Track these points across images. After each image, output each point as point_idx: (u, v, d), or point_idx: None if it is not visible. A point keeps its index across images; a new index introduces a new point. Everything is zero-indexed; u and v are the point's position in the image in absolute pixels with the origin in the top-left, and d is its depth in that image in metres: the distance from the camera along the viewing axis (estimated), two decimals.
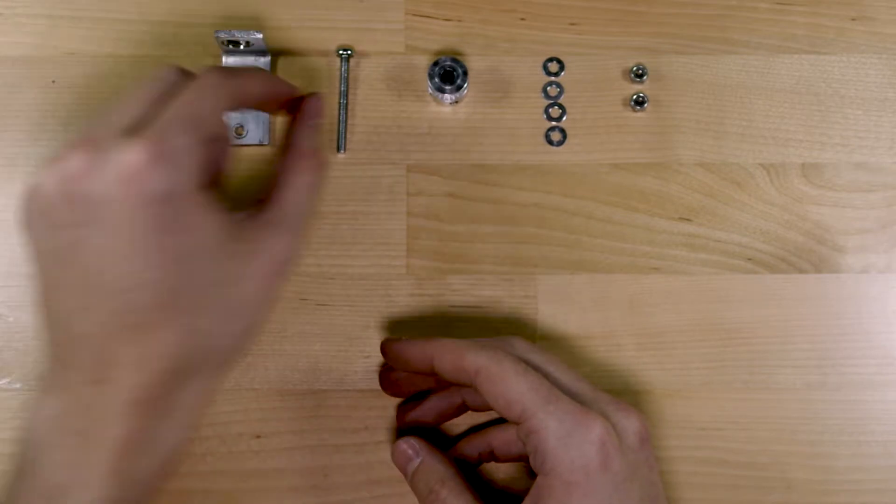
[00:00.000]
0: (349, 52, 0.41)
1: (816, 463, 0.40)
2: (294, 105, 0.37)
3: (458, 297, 0.41)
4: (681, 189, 0.42)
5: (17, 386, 0.40)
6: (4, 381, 0.40)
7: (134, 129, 0.29)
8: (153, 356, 0.29)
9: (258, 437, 0.39)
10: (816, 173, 0.42)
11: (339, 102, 0.40)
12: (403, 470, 0.37)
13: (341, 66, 0.40)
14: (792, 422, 0.40)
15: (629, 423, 0.33)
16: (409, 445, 0.37)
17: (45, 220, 0.30)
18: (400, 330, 0.40)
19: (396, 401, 0.40)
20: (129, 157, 0.28)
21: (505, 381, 0.33)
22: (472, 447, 0.37)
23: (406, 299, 0.41)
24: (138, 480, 0.29)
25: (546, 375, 0.34)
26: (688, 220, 0.42)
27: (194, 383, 0.30)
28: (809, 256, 0.41)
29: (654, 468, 0.34)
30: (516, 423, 0.33)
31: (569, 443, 0.32)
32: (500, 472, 0.39)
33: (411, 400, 0.39)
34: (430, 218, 0.41)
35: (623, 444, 0.32)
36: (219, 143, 0.32)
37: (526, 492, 0.33)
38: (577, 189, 0.42)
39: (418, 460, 0.37)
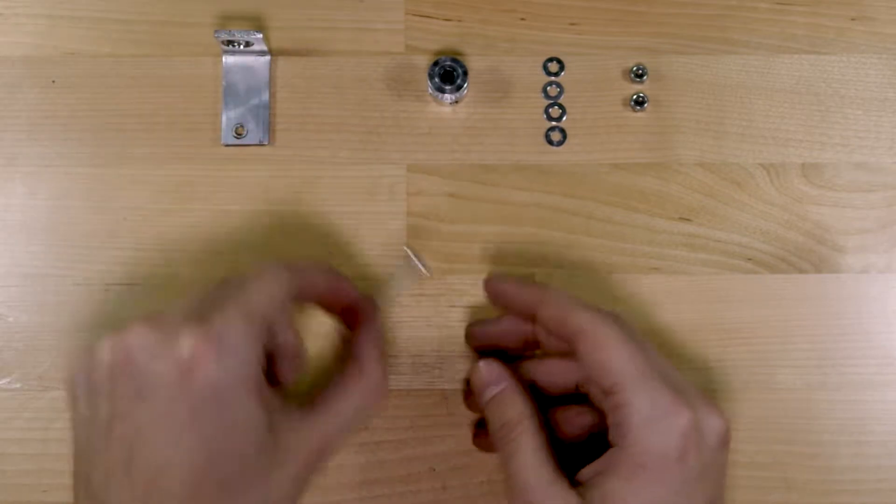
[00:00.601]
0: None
1: (816, 463, 0.40)
2: (349, 312, 0.37)
3: (458, 297, 0.41)
4: (681, 189, 0.42)
5: (17, 386, 0.40)
6: (4, 381, 0.40)
7: (197, 316, 0.30)
8: None
9: None
10: (816, 173, 0.42)
11: None
12: (480, 393, 0.36)
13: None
14: (792, 422, 0.40)
15: (713, 422, 0.32)
16: (491, 369, 0.36)
17: (93, 387, 0.31)
18: (400, 330, 0.40)
19: (395, 401, 0.40)
20: (188, 343, 0.29)
21: (605, 348, 0.33)
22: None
23: (406, 299, 0.41)
24: None
25: (644, 353, 0.33)
26: (688, 220, 0.42)
27: None
28: (809, 256, 0.41)
29: (725, 473, 0.33)
30: (604, 393, 0.33)
31: (653, 426, 0.31)
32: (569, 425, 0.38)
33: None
34: (430, 218, 0.41)
35: (703, 441, 0.32)
36: (281, 338, 0.33)
37: (593, 449, 0.33)
38: (577, 189, 0.42)
39: (499, 387, 0.35)
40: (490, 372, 0.36)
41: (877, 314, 0.41)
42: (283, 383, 0.33)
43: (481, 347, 0.39)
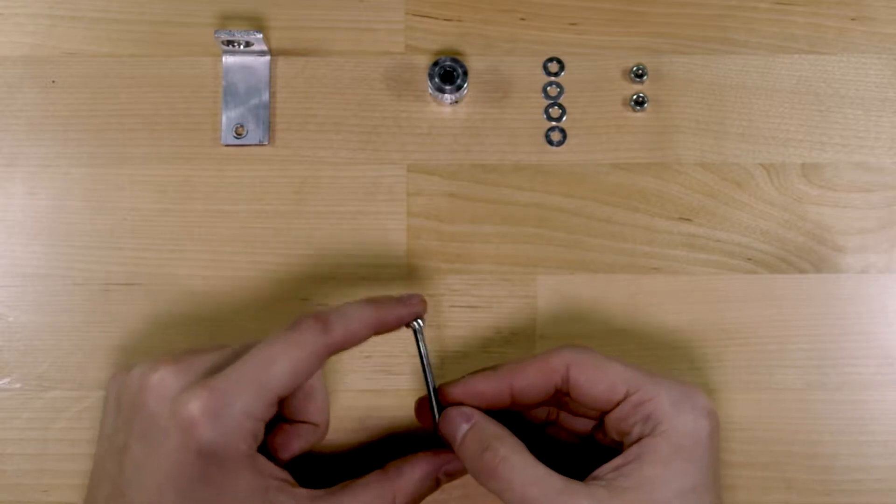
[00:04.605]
0: (420, 323, 0.36)
1: (816, 463, 0.40)
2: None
3: (458, 297, 0.41)
4: (681, 189, 0.42)
5: (17, 386, 0.40)
6: (4, 381, 0.40)
7: (214, 374, 0.31)
8: None
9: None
10: (816, 173, 0.42)
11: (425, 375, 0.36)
12: (452, 438, 0.34)
13: (416, 339, 0.36)
14: (792, 422, 0.40)
15: (714, 408, 0.34)
16: (458, 412, 0.34)
17: (119, 408, 0.33)
18: (400, 330, 0.40)
19: (395, 401, 0.40)
20: (189, 405, 0.30)
21: (601, 366, 0.34)
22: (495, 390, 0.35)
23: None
24: None
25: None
26: (688, 220, 0.42)
27: None
28: (809, 256, 0.41)
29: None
30: (610, 408, 0.33)
31: (682, 408, 0.32)
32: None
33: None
34: (430, 218, 0.41)
35: (718, 422, 0.33)
36: (300, 407, 0.34)
37: (579, 464, 0.33)
38: (577, 189, 0.42)
39: (471, 422, 0.34)
40: (459, 413, 0.34)
41: (877, 314, 0.41)
42: (288, 453, 0.34)
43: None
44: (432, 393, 0.35)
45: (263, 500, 0.31)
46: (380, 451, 0.39)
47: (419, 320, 0.36)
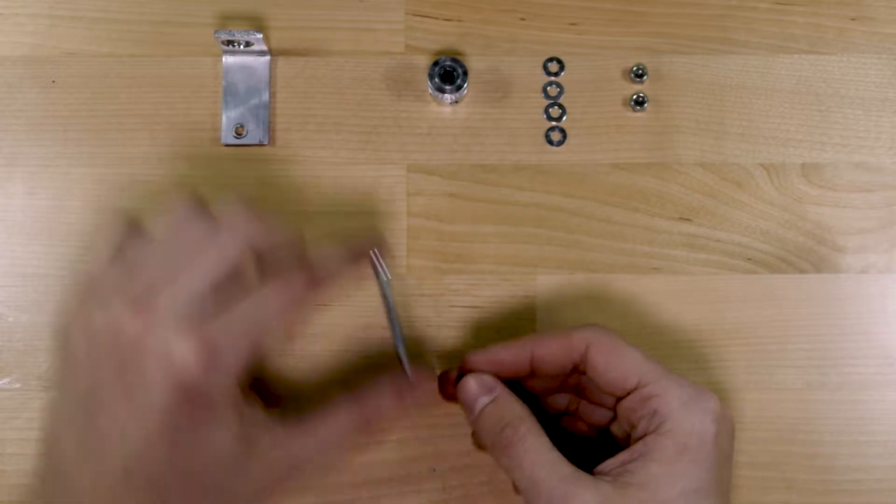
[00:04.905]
0: (377, 252, 0.38)
1: (816, 463, 0.40)
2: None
3: (458, 297, 0.41)
4: (681, 189, 0.42)
5: (17, 386, 0.40)
6: (4, 381, 0.40)
7: (194, 320, 0.30)
8: None
9: None
10: (816, 173, 0.42)
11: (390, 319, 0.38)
12: (470, 405, 0.35)
13: (374, 266, 0.37)
14: (792, 422, 0.40)
15: (727, 412, 0.33)
16: (480, 381, 0.35)
17: (80, 364, 0.31)
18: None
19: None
20: (179, 353, 0.29)
21: (620, 351, 0.34)
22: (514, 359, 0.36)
23: (406, 299, 0.41)
24: None
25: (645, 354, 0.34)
26: (688, 220, 0.42)
27: None
28: (809, 256, 0.41)
29: (732, 464, 0.34)
30: (622, 395, 0.33)
31: (690, 409, 0.32)
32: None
33: None
34: (430, 218, 0.41)
35: (727, 426, 0.33)
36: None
37: (599, 452, 0.33)
38: (577, 189, 0.42)
39: (493, 395, 0.34)
40: (481, 382, 0.35)
41: (877, 314, 0.41)
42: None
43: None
44: (403, 353, 0.37)
45: (248, 444, 0.31)
46: (381, 450, 0.39)
47: (376, 250, 0.37)
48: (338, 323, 0.40)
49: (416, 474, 0.39)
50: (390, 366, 0.40)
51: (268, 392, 0.38)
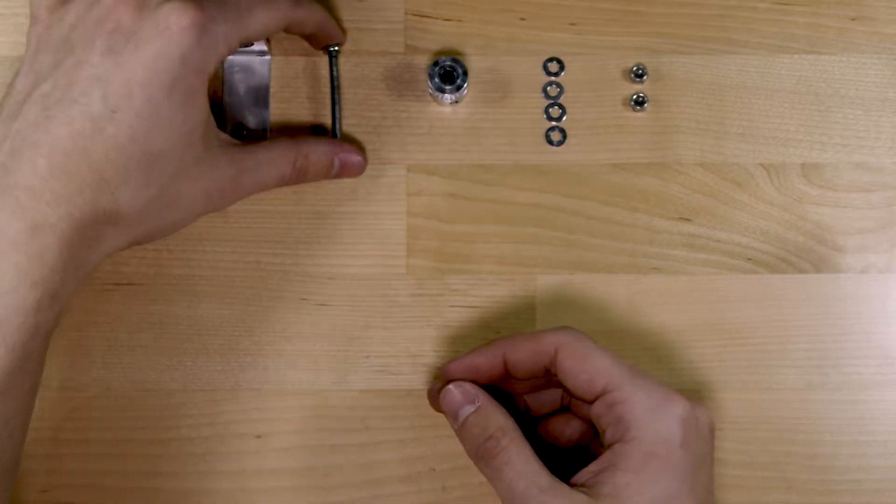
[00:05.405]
0: (337, 48, 0.42)
1: (816, 463, 0.40)
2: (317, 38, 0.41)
3: (458, 297, 0.41)
4: (681, 189, 0.42)
5: None
6: None
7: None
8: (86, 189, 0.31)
9: (258, 437, 0.39)
10: (816, 173, 0.42)
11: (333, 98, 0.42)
12: (453, 415, 0.35)
13: (331, 62, 0.42)
14: (792, 422, 0.40)
15: (701, 413, 0.33)
16: (463, 390, 0.35)
17: (64, 33, 0.33)
18: (400, 330, 0.40)
19: (395, 401, 0.40)
20: (179, 14, 0.31)
21: (588, 355, 0.34)
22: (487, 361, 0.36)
23: (406, 299, 0.41)
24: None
25: (617, 356, 0.34)
26: (688, 220, 0.42)
27: (108, 232, 0.33)
28: (809, 256, 0.41)
29: (713, 465, 0.34)
30: (592, 400, 0.33)
31: (655, 415, 0.32)
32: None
33: None
34: (430, 218, 0.41)
35: (699, 429, 0.33)
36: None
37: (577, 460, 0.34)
38: (577, 189, 0.42)
39: (474, 406, 0.35)
40: (464, 391, 0.35)
41: (877, 314, 0.41)
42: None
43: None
44: (338, 122, 0.41)
45: (206, 141, 0.34)
46: (381, 450, 0.39)
47: (335, 47, 0.41)
48: (337, 323, 0.40)
49: (416, 474, 0.39)
50: (391, 367, 0.40)
51: None
